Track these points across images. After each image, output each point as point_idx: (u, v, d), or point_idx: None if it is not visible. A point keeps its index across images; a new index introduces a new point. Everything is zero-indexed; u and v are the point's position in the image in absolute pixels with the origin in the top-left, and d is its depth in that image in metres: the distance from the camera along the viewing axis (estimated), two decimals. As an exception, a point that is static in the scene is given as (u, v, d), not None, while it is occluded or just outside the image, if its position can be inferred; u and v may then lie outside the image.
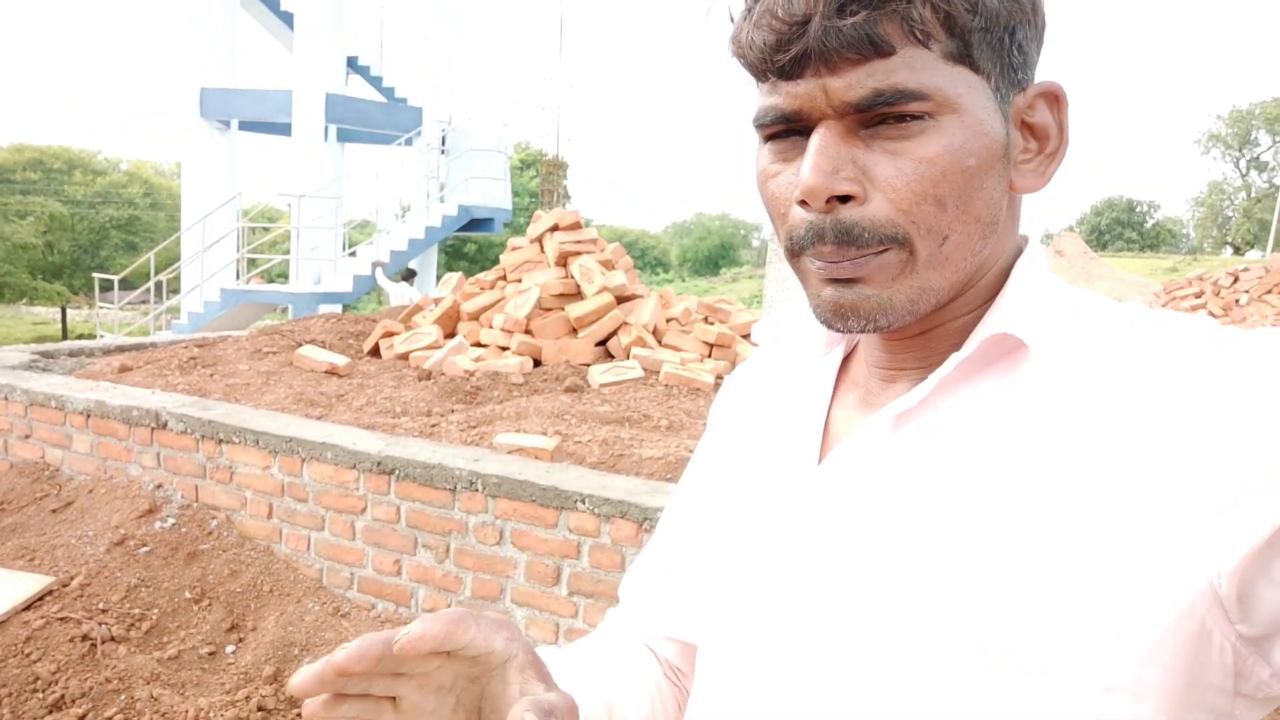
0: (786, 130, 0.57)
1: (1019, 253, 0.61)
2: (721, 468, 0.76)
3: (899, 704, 0.54)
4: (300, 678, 0.49)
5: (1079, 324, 0.56)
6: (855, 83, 0.52)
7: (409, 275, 11.68)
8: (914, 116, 0.53)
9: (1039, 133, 0.59)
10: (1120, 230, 52.93)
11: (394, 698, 0.53)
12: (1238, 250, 46.98)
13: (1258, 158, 51.24)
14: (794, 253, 0.59)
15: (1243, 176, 51.95)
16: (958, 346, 0.59)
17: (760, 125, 0.58)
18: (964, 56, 0.53)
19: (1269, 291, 12.79)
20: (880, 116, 0.53)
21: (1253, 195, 50.56)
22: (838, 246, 0.55)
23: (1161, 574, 0.47)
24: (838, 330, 0.59)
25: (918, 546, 0.55)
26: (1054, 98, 0.59)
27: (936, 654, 0.53)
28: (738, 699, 0.64)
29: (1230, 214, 52.15)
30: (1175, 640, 0.48)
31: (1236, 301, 12.84)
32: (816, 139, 0.54)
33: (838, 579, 0.58)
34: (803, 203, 0.55)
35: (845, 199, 0.54)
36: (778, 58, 0.54)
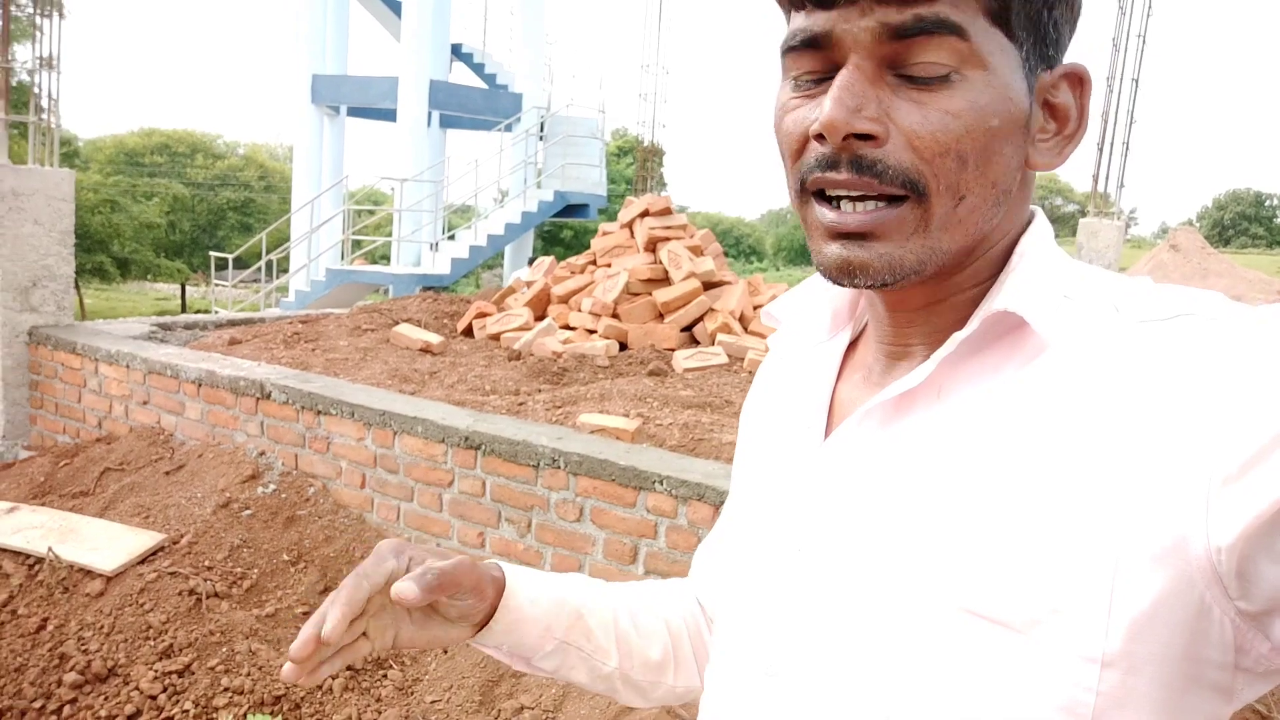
0: (814, 76, 0.56)
1: (1026, 227, 0.60)
2: (746, 445, 0.78)
3: (896, 683, 0.54)
4: (291, 668, 0.63)
5: (1083, 300, 0.55)
6: (897, 9, 0.52)
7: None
8: (942, 79, 0.52)
9: (1059, 113, 0.58)
10: (1245, 225, 49.95)
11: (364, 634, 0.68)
12: (1378, 248, 43.75)
13: (1406, 148, 47.51)
14: (802, 188, 0.57)
15: (1388, 168, 48.28)
16: (963, 321, 0.59)
17: (789, 50, 0.56)
18: (1002, 19, 0.53)
19: None
20: (910, 55, 0.52)
21: (1398, 189, 46.96)
22: (854, 175, 0.54)
23: (1155, 549, 0.47)
24: (842, 285, 0.58)
25: (918, 523, 0.55)
26: (1078, 80, 0.58)
27: (933, 629, 0.53)
28: (741, 673, 0.66)
29: (1372, 209, 48.62)
30: (1171, 615, 0.47)
31: (1373, 302, 12.01)
32: (843, 75, 0.53)
33: (840, 555, 0.59)
34: (819, 137, 0.54)
35: (864, 139, 0.53)
36: None
